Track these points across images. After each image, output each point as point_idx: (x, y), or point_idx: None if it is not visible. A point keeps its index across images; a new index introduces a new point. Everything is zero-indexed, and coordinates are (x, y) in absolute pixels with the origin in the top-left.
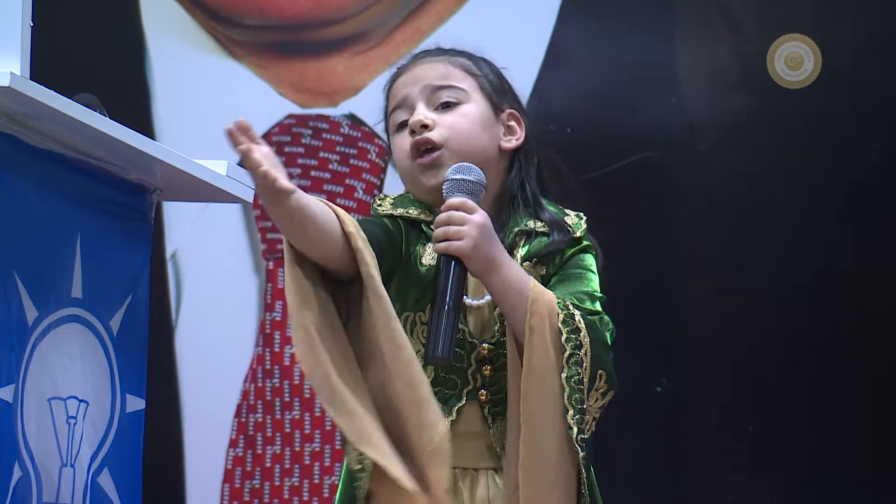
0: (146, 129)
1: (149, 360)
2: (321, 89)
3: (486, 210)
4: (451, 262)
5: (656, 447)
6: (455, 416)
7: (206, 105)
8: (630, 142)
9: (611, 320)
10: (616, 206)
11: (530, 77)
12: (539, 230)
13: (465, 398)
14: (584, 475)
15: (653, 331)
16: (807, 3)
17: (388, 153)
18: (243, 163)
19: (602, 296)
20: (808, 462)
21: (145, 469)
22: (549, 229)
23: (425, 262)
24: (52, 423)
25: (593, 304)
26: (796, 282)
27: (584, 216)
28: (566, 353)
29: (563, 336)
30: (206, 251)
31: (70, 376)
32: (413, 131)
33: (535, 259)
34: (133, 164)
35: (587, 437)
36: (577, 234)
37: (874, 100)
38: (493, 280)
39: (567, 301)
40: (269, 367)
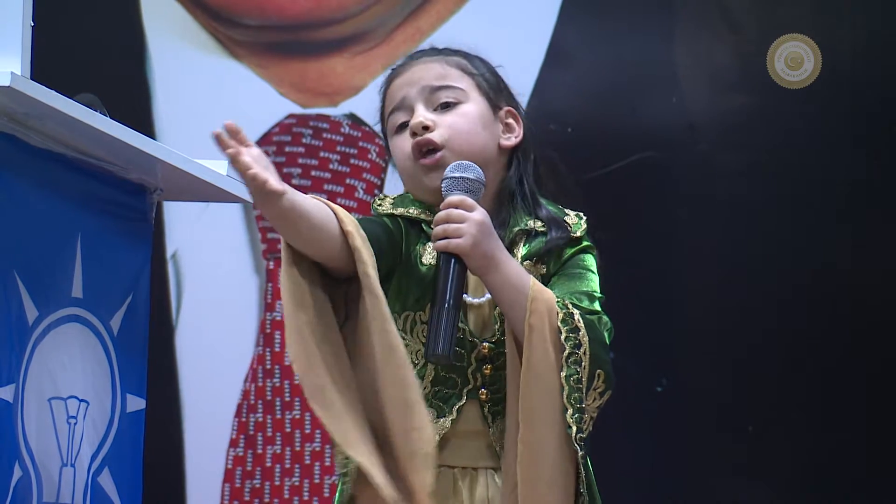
0: (146, 129)
1: (149, 360)
2: (321, 89)
3: (485, 208)
4: (451, 260)
5: (656, 447)
6: (455, 415)
7: (207, 105)
8: (630, 142)
9: (609, 320)
10: (616, 206)
11: (530, 77)
12: (539, 229)
13: (465, 397)
14: (582, 474)
15: (653, 331)
16: (807, 3)
17: (388, 153)
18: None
19: (601, 296)
20: (808, 462)
21: (145, 469)
22: (547, 227)
23: (425, 262)
24: (53, 423)
25: (592, 304)
26: (796, 282)
27: (583, 216)
28: (565, 352)
29: (563, 335)
30: (206, 251)
31: (70, 376)
32: (414, 133)
33: (535, 258)
34: (133, 164)
35: (585, 436)
36: (577, 234)
37: (874, 100)
38: (492, 278)
39: (566, 300)
40: (269, 366)
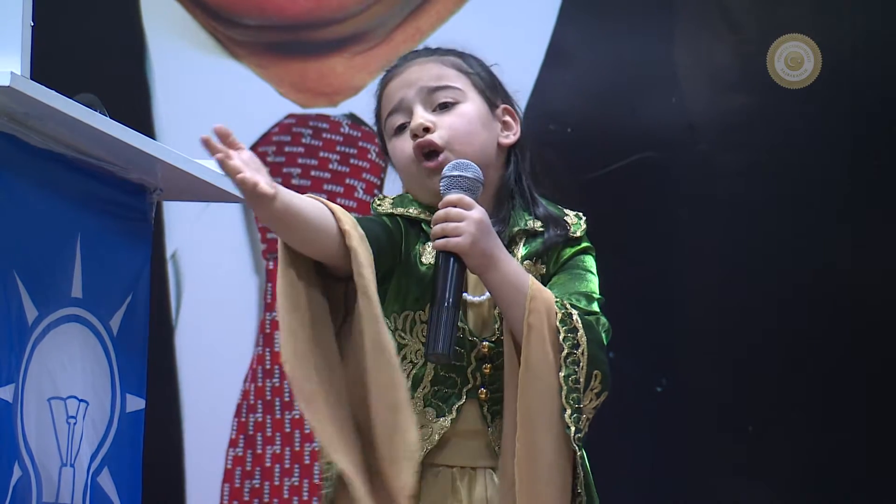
0: (146, 129)
1: (149, 360)
2: (321, 89)
3: (485, 206)
4: (450, 259)
5: (656, 447)
6: (455, 414)
7: (207, 105)
8: (630, 142)
9: (607, 321)
10: (616, 206)
11: (530, 77)
12: (538, 229)
13: (464, 397)
14: (580, 474)
15: (653, 331)
16: (807, 3)
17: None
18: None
19: (600, 297)
20: (808, 462)
21: (145, 469)
22: (545, 225)
23: (425, 261)
24: (52, 423)
25: (590, 305)
26: (796, 282)
27: (583, 216)
28: (564, 352)
29: (561, 335)
30: (206, 251)
31: (70, 376)
32: (415, 135)
33: (534, 257)
34: (133, 164)
35: (582, 436)
36: (576, 235)
37: (874, 100)
38: (491, 276)
39: (565, 300)
40: (269, 366)
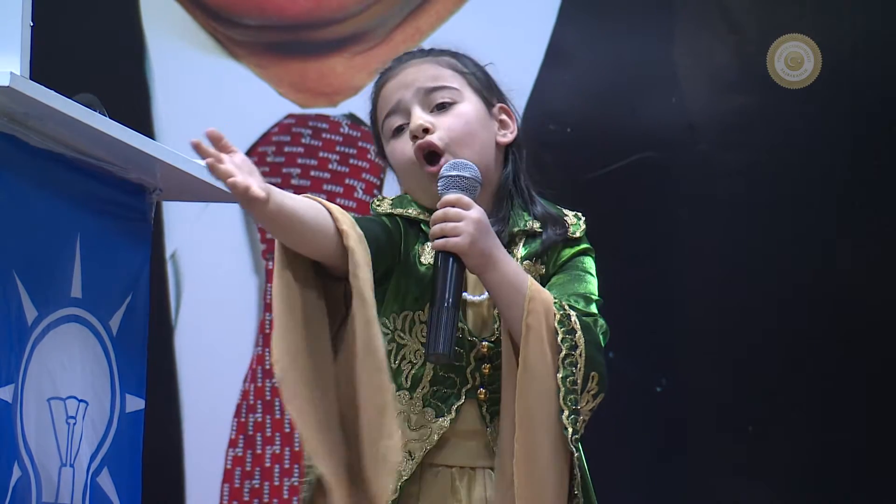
0: (146, 129)
1: (149, 360)
2: (321, 89)
3: (484, 206)
4: (449, 259)
5: (656, 447)
6: (454, 414)
7: (206, 105)
8: (630, 142)
9: (605, 323)
10: (616, 206)
11: (530, 77)
12: (537, 230)
13: (464, 397)
14: (577, 475)
15: (653, 331)
16: (807, 3)
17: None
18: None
19: (599, 299)
20: (808, 462)
21: (145, 469)
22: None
23: (424, 261)
24: (52, 423)
25: (588, 307)
26: (796, 282)
27: (582, 217)
28: (562, 353)
29: (559, 336)
30: (206, 251)
31: (70, 376)
32: (415, 136)
33: (534, 258)
34: (133, 164)
35: (580, 437)
36: (576, 235)
37: (874, 100)
38: (490, 276)
39: (563, 301)
40: (268, 366)
